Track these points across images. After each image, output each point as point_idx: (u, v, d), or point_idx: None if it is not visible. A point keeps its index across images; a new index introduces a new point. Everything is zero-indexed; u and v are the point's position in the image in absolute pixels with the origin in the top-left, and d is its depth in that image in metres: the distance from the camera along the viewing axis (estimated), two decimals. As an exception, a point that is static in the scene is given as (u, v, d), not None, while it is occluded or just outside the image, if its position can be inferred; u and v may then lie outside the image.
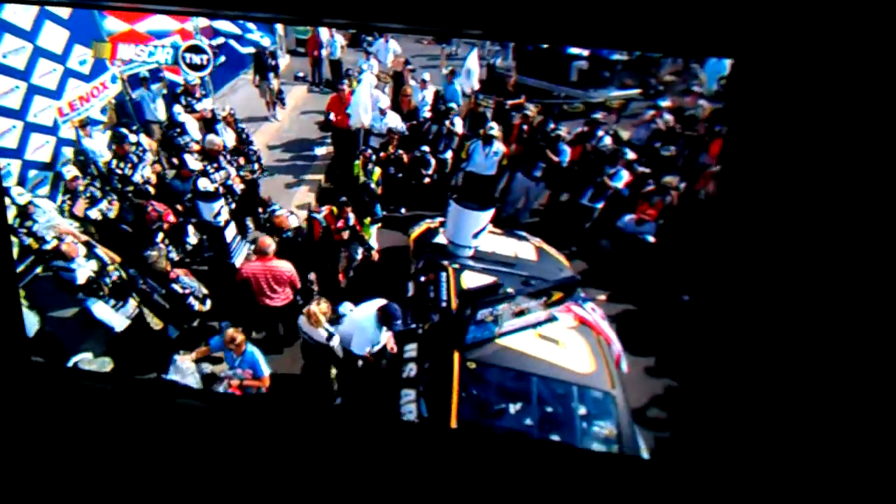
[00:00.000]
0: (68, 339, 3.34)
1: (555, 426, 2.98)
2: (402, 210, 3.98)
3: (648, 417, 3.10)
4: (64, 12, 3.23)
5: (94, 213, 3.65)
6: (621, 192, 3.40)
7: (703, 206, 3.21)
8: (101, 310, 3.30)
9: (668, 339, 3.25)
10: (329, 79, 4.85)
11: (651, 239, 3.38)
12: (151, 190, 3.71)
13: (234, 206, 3.85)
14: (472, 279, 3.37)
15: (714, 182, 3.10)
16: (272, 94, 4.71)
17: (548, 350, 3.14)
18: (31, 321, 3.29)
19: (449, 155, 3.99)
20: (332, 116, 4.34)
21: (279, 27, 4.20)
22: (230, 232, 3.63)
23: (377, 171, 3.88)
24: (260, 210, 3.87)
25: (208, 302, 3.41)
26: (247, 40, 4.12)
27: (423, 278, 3.53)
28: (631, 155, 3.50)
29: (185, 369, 3.24)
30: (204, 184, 3.65)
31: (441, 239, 3.67)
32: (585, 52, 4.41)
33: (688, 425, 2.48)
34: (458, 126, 4.06)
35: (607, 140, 3.58)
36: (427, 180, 3.99)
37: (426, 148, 3.94)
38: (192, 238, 3.70)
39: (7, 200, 3.24)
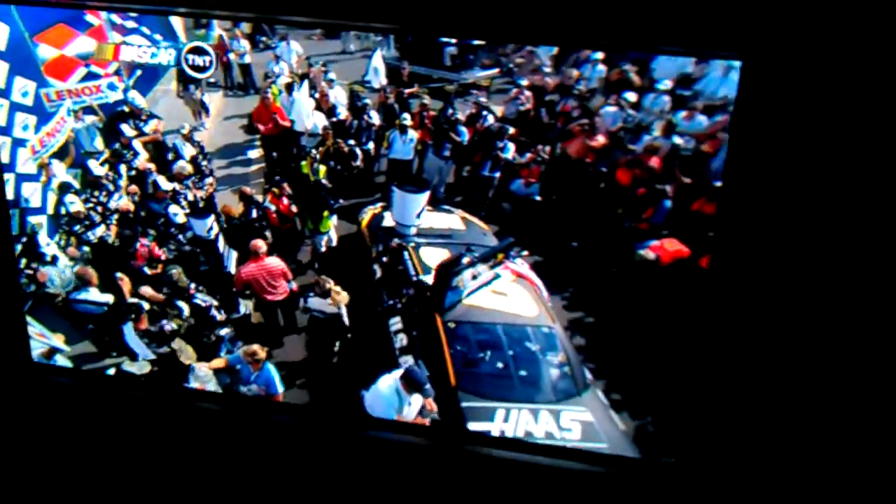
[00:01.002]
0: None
1: (522, 362, 3.60)
2: (340, 201, 4.34)
3: (574, 342, 3.70)
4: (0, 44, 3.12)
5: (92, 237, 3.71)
6: (511, 162, 4.09)
7: (568, 165, 3.96)
8: (133, 337, 3.46)
9: (572, 278, 3.91)
10: (241, 82, 5.13)
11: (538, 198, 4.02)
12: (131, 211, 3.79)
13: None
14: (429, 254, 3.98)
15: (579, 143, 3.97)
16: (196, 104, 4.79)
17: (501, 302, 3.81)
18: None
19: (371, 146, 4.53)
20: (259, 125, 4.65)
21: (182, 35, 4.33)
22: (221, 243, 3.92)
23: (322, 168, 4.31)
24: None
25: (223, 312, 3.71)
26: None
27: (385, 259, 4.05)
28: (511, 130, 4.21)
29: (204, 376, 3.43)
30: (174, 210, 3.89)
31: (388, 222, 4.23)
32: (454, 41, 5.17)
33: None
34: (375, 119, 4.60)
35: (490, 119, 4.32)
36: (355, 171, 4.44)
37: (352, 142, 4.45)
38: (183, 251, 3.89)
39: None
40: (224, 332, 3.68)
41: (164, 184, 3.94)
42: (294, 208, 4.06)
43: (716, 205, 2.77)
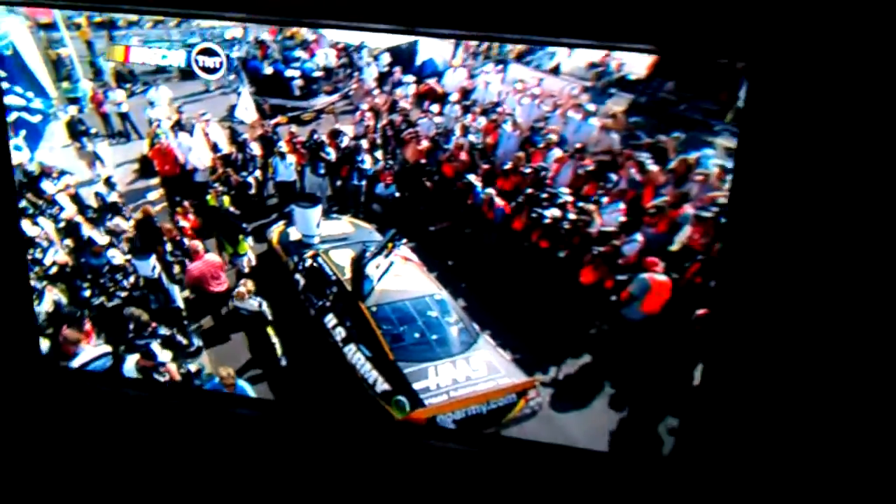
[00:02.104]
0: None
1: (432, 327, 4.14)
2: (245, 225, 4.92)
3: (459, 304, 4.32)
4: None
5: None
6: (369, 172, 5.05)
7: (408, 167, 5.10)
8: (131, 370, 3.73)
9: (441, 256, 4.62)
10: (121, 130, 5.47)
11: (397, 194, 4.92)
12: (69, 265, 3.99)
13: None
14: (337, 255, 4.64)
15: (411, 149, 5.11)
16: (90, 155, 5.15)
17: (401, 283, 4.40)
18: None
19: (258, 173, 5.37)
20: (156, 167, 5.20)
21: (50, 90, 4.51)
22: (164, 279, 4.32)
23: (226, 197, 4.99)
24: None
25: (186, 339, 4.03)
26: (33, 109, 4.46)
27: (303, 267, 4.63)
28: (366, 144, 5.22)
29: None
30: (112, 252, 4.26)
31: (295, 236, 4.89)
32: (298, 73, 6.09)
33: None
34: (256, 149, 5.43)
35: (346, 138, 5.34)
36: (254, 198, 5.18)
37: (244, 173, 5.24)
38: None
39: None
40: (193, 367, 4.00)
41: (100, 238, 4.27)
42: (196, 222, 4.71)
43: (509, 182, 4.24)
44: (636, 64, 5.85)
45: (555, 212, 4.28)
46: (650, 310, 3.73)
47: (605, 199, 4.29)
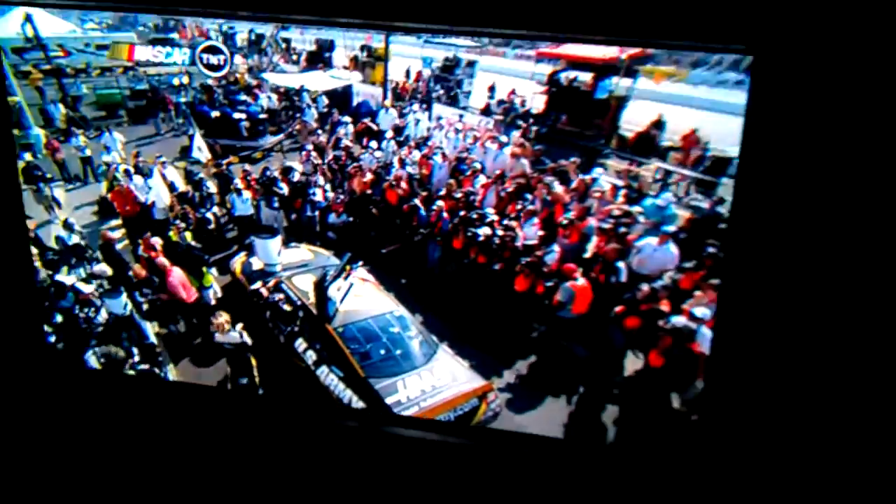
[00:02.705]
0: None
1: (395, 343, 4.21)
2: (206, 257, 5.05)
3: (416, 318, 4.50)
4: None
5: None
6: (321, 204, 5.60)
7: (356, 197, 5.73)
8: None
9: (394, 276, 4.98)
10: (77, 174, 5.49)
11: (350, 220, 5.49)
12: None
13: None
14: (300, 281, 4.73)
15: (357, 181, 5.75)
16: (48, 199, 5.43)
17: (362, 302, 4.46)
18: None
19: (216, 209, 5.81)
20: (116, 208, 5.48)
21: None
22: (136, 316, 4.49)
23: (188, 233, 5.30)
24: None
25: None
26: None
27: (266, 294, 4.70)
28: (321, 180, 5.80)
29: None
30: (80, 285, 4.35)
31: (257, 265, 5.09)
32: (244, 116, 6.55)
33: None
34: (213, 188, 5.90)
35: (296, 175, 5.94)
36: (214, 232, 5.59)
37: (203, 210, 5.66)
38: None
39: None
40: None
41: (85, 287, 4.38)
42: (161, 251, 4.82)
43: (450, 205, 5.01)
44: (536, 100, 7.13)
45: (486, 230, 4.98)
46: (579, 311, 4.35)
47: (522, 216, 5.08)
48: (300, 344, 4.42)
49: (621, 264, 4.48)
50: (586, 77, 7.22)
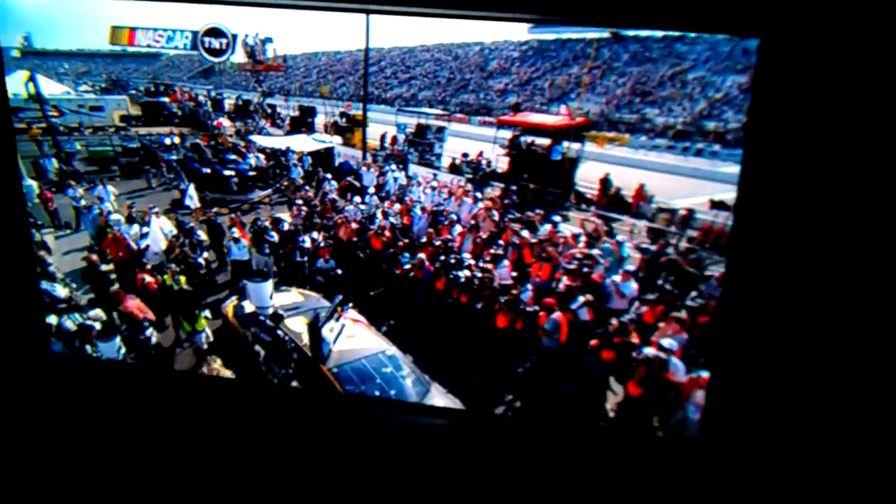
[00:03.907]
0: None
1: (389, 383, 4.23)
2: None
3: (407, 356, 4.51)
4: None
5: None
6: (309, 249, 6.01)
7: (343, 244, 6.17)
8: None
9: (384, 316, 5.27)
10: (67, 222, 5.60)
11: (337, 269, 5.85)
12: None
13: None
14: (293, 323, 4.76)
15: (343, 229, 6.43)
16: (38, 245, 5.48)
17: (354, 342, 4.49)
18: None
19: (206, 255, 6.13)
20: (109, 255, 5.64)
21: None
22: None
23: (182, 277, 5.49)
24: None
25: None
26: None
27: (261, 335, 4.67)
28: (318, 236, 6.18)
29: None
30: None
31: (249, 308, 5.08)
32: (234, 173, 6.95)
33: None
34: (203, 235, 6.26)
35: (285, 224, 6.42)
36: (206, 277, 5.92)
37: (195, 255, 5.95)
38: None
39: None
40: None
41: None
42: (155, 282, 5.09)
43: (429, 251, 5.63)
44: (501, 161, 7.96)
45: (466, 272, 5.42)
46: (563, 339, 4.60)
47: (494, 260, 5.62)
48: (294, 385, 4.40)
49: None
50: (544, 141, 8.14)
